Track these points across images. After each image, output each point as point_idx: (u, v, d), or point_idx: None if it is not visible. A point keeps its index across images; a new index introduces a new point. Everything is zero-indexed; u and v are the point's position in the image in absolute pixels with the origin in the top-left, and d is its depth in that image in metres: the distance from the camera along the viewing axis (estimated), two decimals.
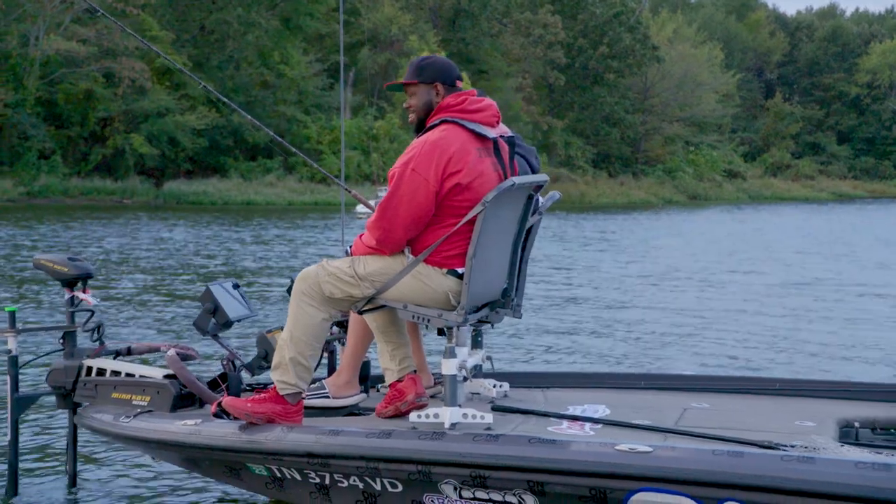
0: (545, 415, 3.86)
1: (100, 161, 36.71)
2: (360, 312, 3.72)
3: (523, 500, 3.35)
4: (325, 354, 4.44)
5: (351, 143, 40.69)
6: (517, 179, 3.60)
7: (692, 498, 3.07)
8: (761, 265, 16.56)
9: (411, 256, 3.60)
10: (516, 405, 4.01)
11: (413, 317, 3.62)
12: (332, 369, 4.50)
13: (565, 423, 3.75)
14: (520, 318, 4.16)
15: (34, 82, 36.31)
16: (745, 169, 67.08)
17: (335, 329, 4.38)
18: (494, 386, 4.27)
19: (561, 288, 12.74)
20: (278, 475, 3.67)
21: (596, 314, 10.20)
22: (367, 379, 4.31)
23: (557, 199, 4.37)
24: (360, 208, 30.76)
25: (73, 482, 4.25)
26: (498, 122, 3.75)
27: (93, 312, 4.17)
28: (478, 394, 4.24)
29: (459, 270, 3.57)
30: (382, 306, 3.69)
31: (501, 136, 3.76)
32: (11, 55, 35.86)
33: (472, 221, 3.51)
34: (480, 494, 3.40)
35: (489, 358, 4.37)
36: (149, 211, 31.22)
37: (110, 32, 36.92)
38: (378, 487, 3.53)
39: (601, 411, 3.95)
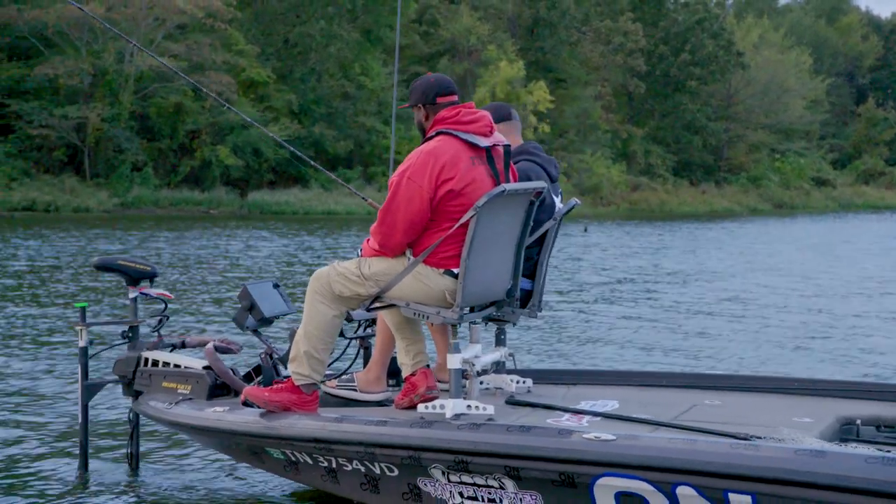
0: (551, 408, 4.14)
1: (188, 172, 38.06)
2: (368, 310, 4.09)
3: (504, 484, 3.66)
4: (362, 350, 4.80)
5: None
6: (508, 186, 3.92)
7: (650, 482, 3.32)
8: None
9: (412, 258, 3.96)
10: (531, 399, 4.29)
11: (414, 314, 3.97)
12: (367, 363, 4.86)
13: (566, 416, 4.03)
14: (535, 317, 4.47)
15: (128, 97, 37.85)
16: (835, 177, 65.23)
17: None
18: (517, 382, 4.54)
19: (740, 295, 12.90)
20: (293, 459, 4.05)
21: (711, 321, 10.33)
22: (398, 374, 4.59)
23: (575, 205, 4.63)
24: None
25: (136, 464, 4.69)
26: (492, 133, 4.05)
27: (166, 305, 4.64)
28: (500, 388, 4.53)
29: (455, 271, 3.90)
30: (389, 305, 4.06)
31: (496, 145, 4.08)
32: (108, 71, 37.48)
33: (466, 225, 3.85)
34: (465, 479, 3.71)
35: (511, 355, 4.64)
36: (234, 221, 32.30)
37: (199, 47, 38.33)
38: (378, 471, 3.87)
39: (609, 406, 4.20)
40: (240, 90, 39.34)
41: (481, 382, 4.52)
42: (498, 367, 4.63)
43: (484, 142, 3.98)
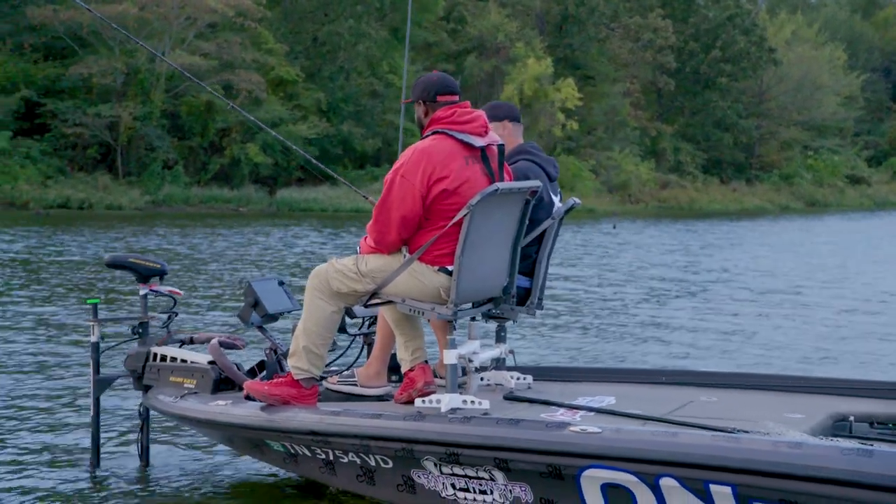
0: (547, 403, 4.24)
1: (218, 170, 38.45)
2: (366, 306, 4.20)
3: (494, 476, 3.75)
4: (366, 346, 4.91)
5: None
6: (502, 185, 4.01)
7: (634, 474, 3.41)
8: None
9: (408, 255, 4.06)
10: (528, 395, 4.39)
11: (410, 310, 4.08)
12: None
13: (560, 411, 4.12)
14: (533, 315, 4.56)
15: (160, 96, 38.31)
16: (870, 174, 64.38)
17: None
18: (517, 378, 4.64)
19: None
20: (292, 451, 4.17)
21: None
22: (398, 370, 4.72)
23: (575, 205, 4.71)
24: None
25: (146, 456, 4.82)
26: (486, 133, 4.13)
27: (175, 302, 4.79)
28: (500, 385, 4.62)
29: (450, 268, 3.99)
30: (386, 301, 4.16)
31: (491, 145, 4.16)
32: (140, 70, 37.96)
33: (460, 223, 3.94)
34: (457, 471, 3.82)
35: (512, 352, 4.72)
36: (262, 218, 32.61)
37: (230, 46, 38.70)
38: (373, 463, 3.98)
39: (606, 402, 4.28)
40: (269, 88, 39.65)
41: (481, 379, 4.63)
42: (498, 363, 4.72)
43: (479, 141, 4.07)
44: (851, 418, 4.02)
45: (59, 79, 37.05)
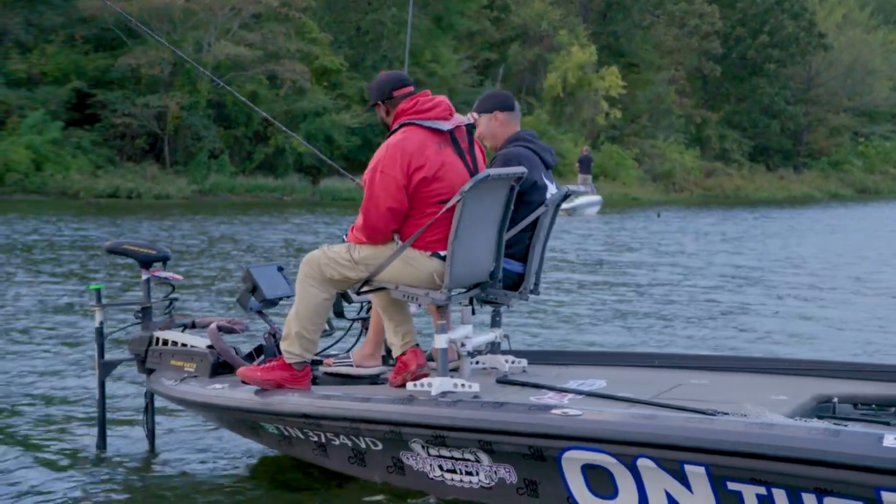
0: (537, 386, 4.32)
1: (262, 160, 38.90)
2: (358, 293, 4.30)
3: (479, 457, 3.85)
4: (364, 331, 5.02)
5: None
6: (493, 171, 4.10)
7: (613, 455, 3.50)
8: None
9: (400, 242, 4.16)
10: (521, 379, 4.47)
11: (403, 296, 4.18)
12: None
13: (549, 394, 4.20)
14: (526, 300, 4.63)
15: (206, 86, 38.79)
16: None
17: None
18: (512, 362, 4.73)
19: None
20: (286, 434, 4.30)
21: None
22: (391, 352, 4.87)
23: (568, 193, 4.78)
24: (565, 204, 31.14)
25: (151, 439, 4.96)
26: (452, 115, 4.25)
27: (173, 288, 4.93)
28: (495, 368, 4.72)
29: (442, 253, 4.10)
30: (379, 288, 4.26)
31: (458, 126, 4.23)
32: (187, 61, 38.51)
33: (452, 209, 4.03)
34: (444, 452, 3.92)
35: (506, 336, 4.81)
36: (306, 207, 32.95)
37: (274, 36, 39.08)
38: (363, 446, 4.10)
39: (596, 385, 4.36)
40: (313, 78, 39.97)
41: (476, 363, 4.72)
42: (493, 347, 4.81)
43: (446, 125, 4.19)
44: (835, 399, 4.09)
45: (109, 70, 37.73)
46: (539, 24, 45.08)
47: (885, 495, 3.08)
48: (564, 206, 31.79)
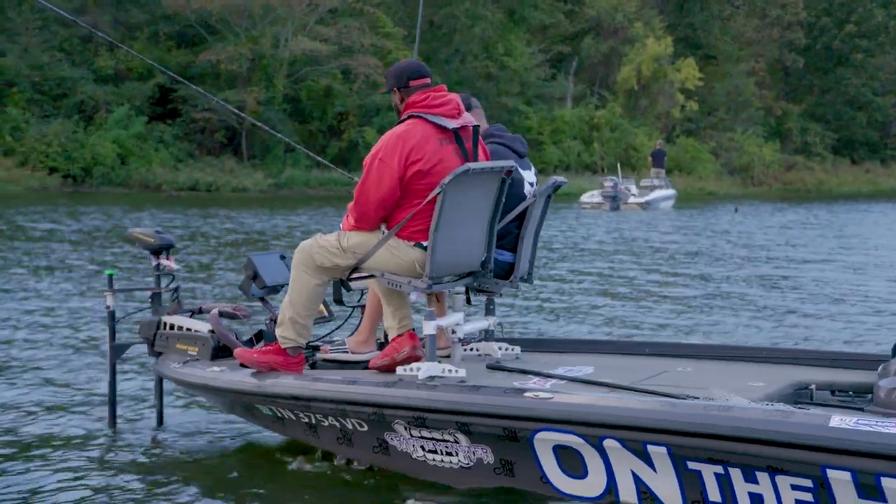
0: (523, 372, 4.43)
1: (336, 154, 39.52)
2: (349, 279, 4.44)
3: (457, 438, 3.96)
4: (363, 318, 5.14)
5: (572, 133, 41.04)
6: (473, 165, 4.19)
7: (581, 436, 3.62)
8: None
9: (386, 231, 4.29)
10: (510, 365, 4.58)
11: (388, 283, 4.30)
12: None
13: (534, 380, 4.30)
14: (516, 289, 4.72)
15: (282, 81, 39.58)
16: None
17: None
18: (505, 349, 4.83)
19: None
20: (279, 415, 4.46)
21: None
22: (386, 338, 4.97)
23: (560, 184, 4.86)
24: (585, 197, 31.12)
25: (160, 419, 5.18)
26: (460, 115, 4.32)
27: (174, 276, 5.15)
28: (488, 355, 4.82)
29: (424, 243, 4.21)
30: (367, 275, 4.39)
31: (465, 126, 4.33)
32: (265, 56, 39.34)
33: (434, 201, 4.14)
34: (425, 433, 4.04)
35: (500, 324, 4.94)
36: None
37: (349, 31, 39.65)
38: (350, 427, 4.23)
39: (583, 371, 4.45)
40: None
41: (471, 349, 4.83)
42: (487, 335, 4.90)
43: (451, 124, 4.26)
44: (813, 386, 4.15)
45: (191, 65, 38.80)
46: (614, 16, 44.68)
47: (831, 472, 3.20)
48: (639, 200, 31.23)
